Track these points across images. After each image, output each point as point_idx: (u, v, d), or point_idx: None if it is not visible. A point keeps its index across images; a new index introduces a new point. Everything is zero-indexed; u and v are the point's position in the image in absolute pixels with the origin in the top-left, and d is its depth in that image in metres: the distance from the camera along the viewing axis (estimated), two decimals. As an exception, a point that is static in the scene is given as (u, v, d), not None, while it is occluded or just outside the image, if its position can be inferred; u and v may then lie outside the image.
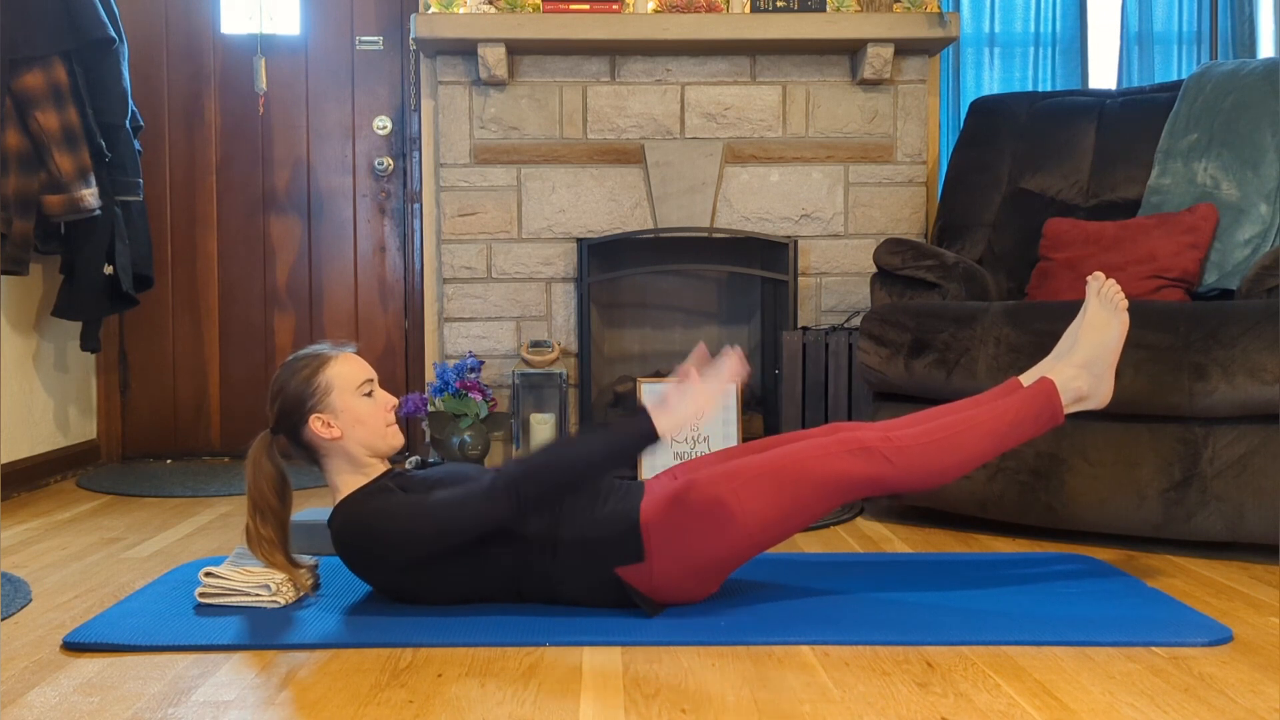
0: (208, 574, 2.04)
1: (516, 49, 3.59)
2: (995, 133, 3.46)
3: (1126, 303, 2.16)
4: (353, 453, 2.02)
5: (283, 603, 2.00)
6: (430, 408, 3.54)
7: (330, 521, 2.00)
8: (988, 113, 3.52)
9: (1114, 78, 3.96)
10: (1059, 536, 2.63)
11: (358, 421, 2.01)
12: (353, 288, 3.98)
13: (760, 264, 3.72)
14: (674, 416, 1.87)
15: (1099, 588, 2.14)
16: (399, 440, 2.07)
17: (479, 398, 3.47)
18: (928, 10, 3.54)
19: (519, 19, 3.46)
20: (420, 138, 3.87)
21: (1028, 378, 2.18)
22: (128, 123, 3.33)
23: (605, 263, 3.72)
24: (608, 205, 3.67)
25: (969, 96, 3.88)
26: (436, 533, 1.89)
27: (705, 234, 3.66)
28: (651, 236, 3.70)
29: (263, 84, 3.88)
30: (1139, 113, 3.26)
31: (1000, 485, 2.61)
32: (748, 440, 3.05)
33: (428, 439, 3.60)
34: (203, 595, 2.03)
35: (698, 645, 1.81)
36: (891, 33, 3.49)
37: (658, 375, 3.64)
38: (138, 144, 3.45)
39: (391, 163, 3.93)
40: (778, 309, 3.62)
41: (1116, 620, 1.91)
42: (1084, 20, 3.89)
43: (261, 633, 1.86)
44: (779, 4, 3.52)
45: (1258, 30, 3.88)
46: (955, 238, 3.38)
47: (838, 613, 1.96)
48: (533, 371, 3.54)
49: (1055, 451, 2.54)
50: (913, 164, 3.70)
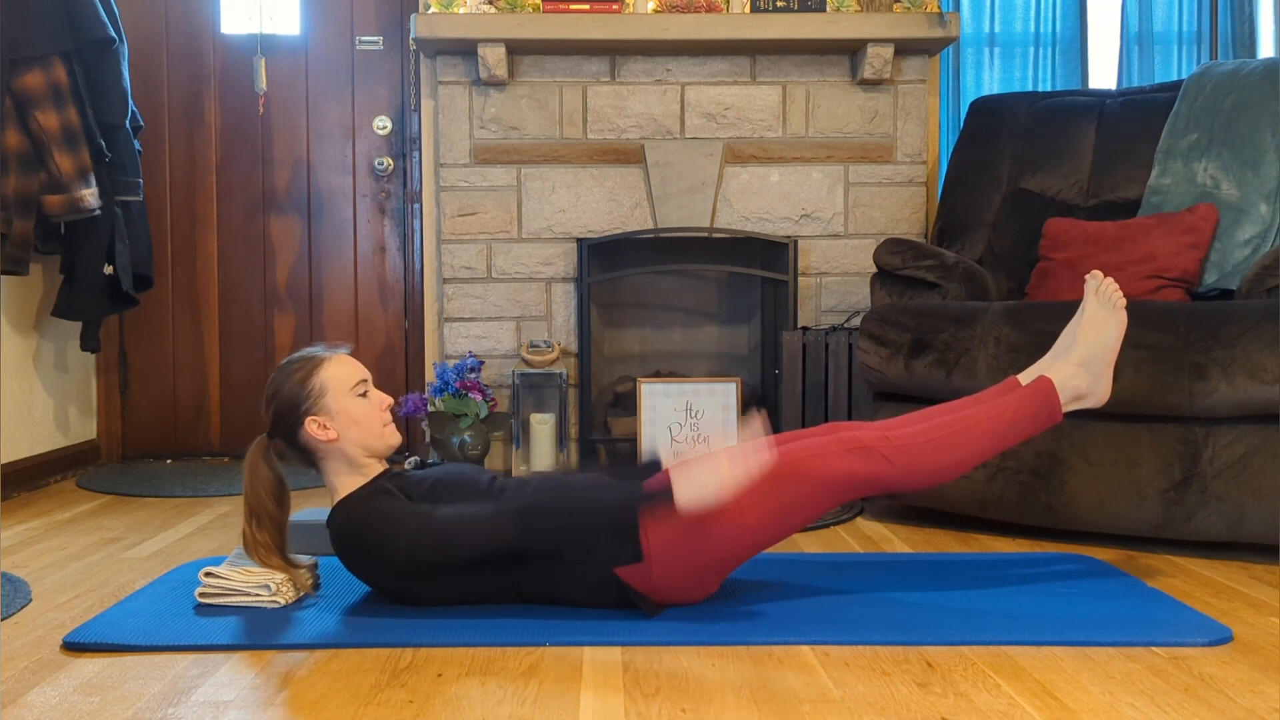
0: (208, 574, 2.04)
1: (516, 49, 3.59)
2: (995, 133, 3.46)
3: (1125, 301, 2.16)
4: (350, 454, 2.02)
5: (283, 603, 2.00)
6: (430, 408, 3.54)
7: (329, 521, 2.00)
8: (988, 113, 3.52)
9: (1114, 78, 3.96)
10: (1059, 536, 2.63)
11: (354, 422, 2.01)
12: (353, 288, 3.98)
13: (760, 264, 3.72)
14: (694, 489, 1.82)
15: (1099, 588, 2.14)
16: (396, 439, 2.07)
17: (479, 398, 3.47)
18: (928, 10, 3.54)
19: (519, 19, 3.46)
20: (420, 138, 3.87)
21: (1026, 376, 2.18)
22: (128, 123, 3.33)
23: (605, 263, 3.72)
24: (608, 205, 3.67)
25: (969, 96, 3.87)
26: (437, 547, 1.89)
27: (705, 234, 3.66)
28: (651, 236, 3.70)
29: (263, 84, 3.88)
30: (1139, 113, 3.26)
31: (1000, 485, 2.61)
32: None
33: (428, 439, 3.60)
34: (203, 595, 2.03)
35: (698, 645, 1.81)
36: (891, 33, 3.49)
37: (658, 375, 3.64)
38: (138, 144, 3.45)
39: (391, 163, 3.93)
40: (778, 309, 3.62)
41: (1116, 620, 1.91)
42: (1084, 20, 3.89)
43: (261, 633, 1.86)
44: (779, 4, 3.52)
45: (1258, 30, 3.88)
46: (955, 238, 3.38)
47: (838, 613, 1.97)
48: (533, 371, 3.54)
49: (1055, 451, 2.54)
50: (913, 164, 3.70)
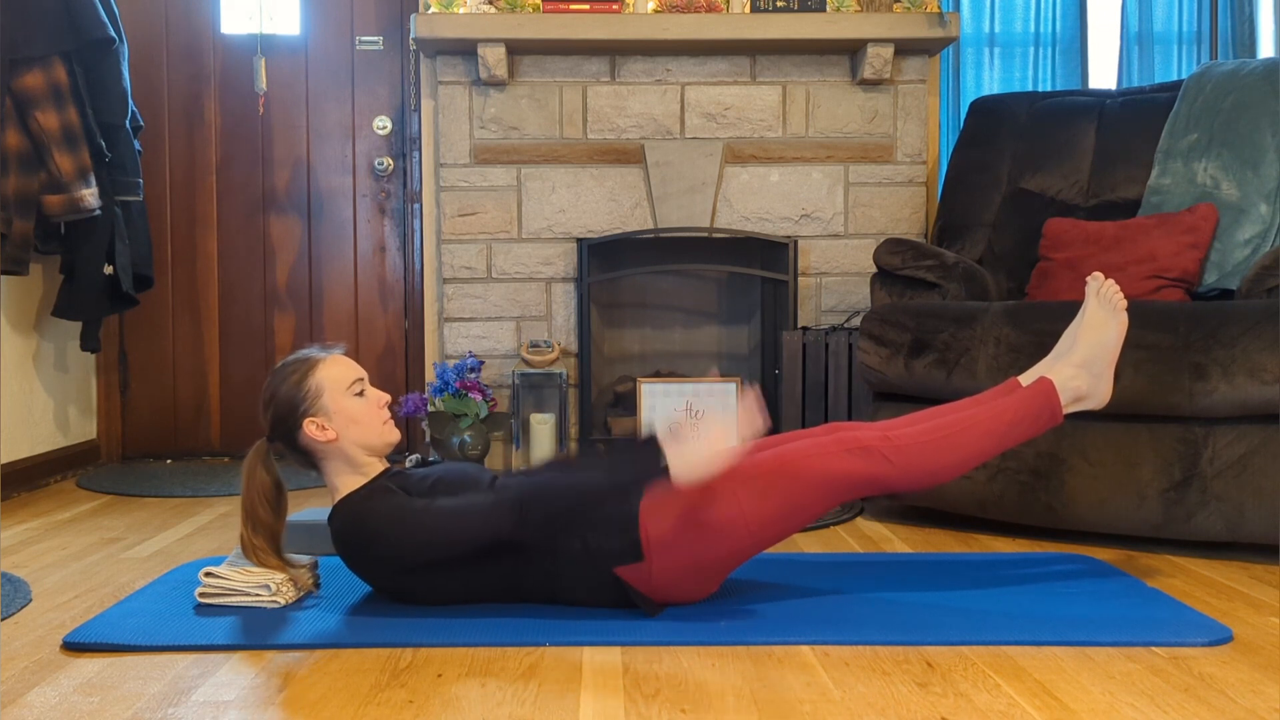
0: (208, 574, 2.04)
1: (516, 49, 3.59)
2: (995, 133, 3.46)
3: (1125, 303, 2.16)
4: (349, 453, 2.01)
5: (283, 602, 2.00)
6: (430, 408, 3.54)
7: (330, 520, 2.00)
8: (988, 113, 3.52)
9: (1114, 78, 3.96)
10: (1059, 536, 2.63)
11: (352, 421, 2.01)
12: (353, 288, 3.98)
13: (760, 264, 3.72)
14: (686, 454, 1.85)
15: (1099, 588, 2.14)
16: (395, 436, 2.06)
17: (479, 398, 3.47)
18: (928, 10, 3.54)
19: (519, 19, 3.46)
20: (420, 138, 3.87)
21: (1027, 377, 2.19)
22: (128, 123, 3.33)
23: (605, 263, 3.72)
24: (608, 205, 3.67)
25: (969, 96, 3.87)
26: (438, 541, 1.89)
27: (705, 234, 3.66)
28: (651, 236, 3.70)
29: (263, 84, 3.88)
30: (1139, 113, 3.26)
31: (1000, 485, 2.61)
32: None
33: (428, 439, 3.60)
34: (203, 595, 2.03)
35: (698, 645, 1.81)
36: (891, 33, 3.49)
37: (657, 375, 3.64)
38: (138, 144, 3.45)
39: (391, 163, 3.93)
40: (778, 309, 3.62)
41: (1116, 620, 1.91)
42: (1084, 20, 3.89)
43: (261, 633, 1.86)
44: (779, 4, 3.52)
45: (1258, 30, 3.88)
46: (955, 238, 3.38)
47: (838, 613, 1.96)
48: (533, 371, 3.54)
49: (1055, 451, 2.54)
50: (913, 164, 3.70)
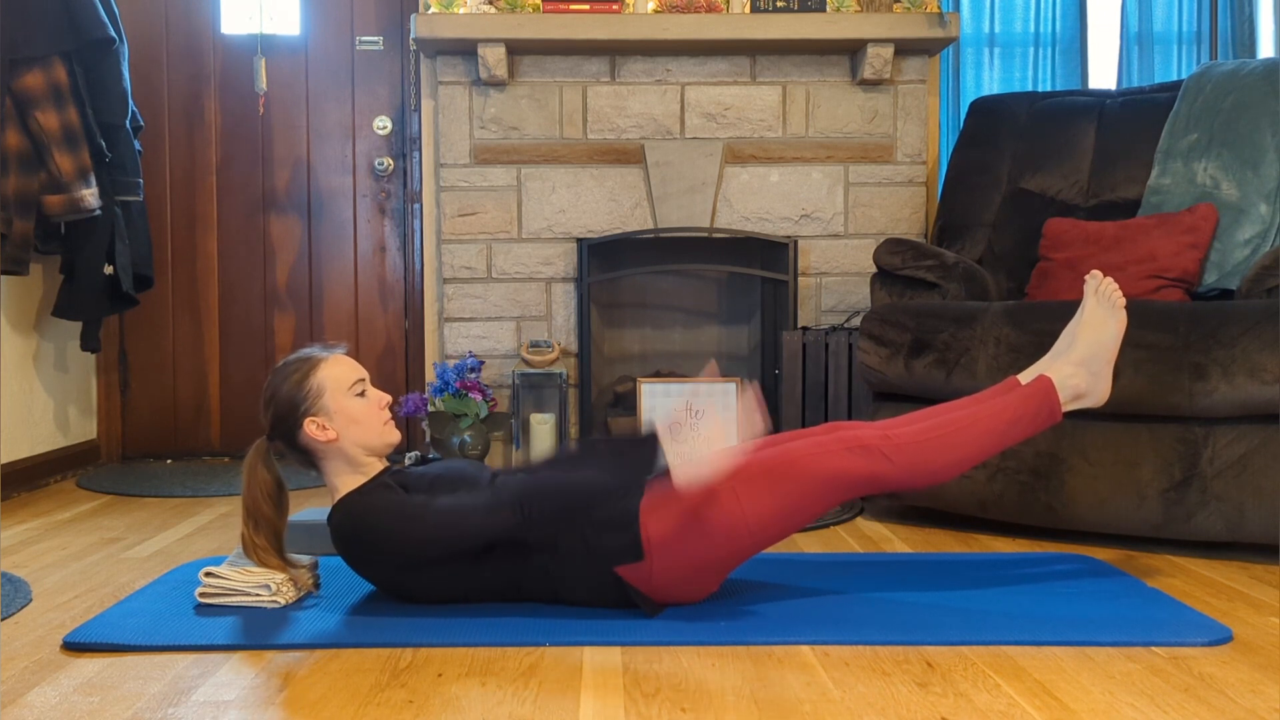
0: (208, 574, 2.04)
1: (516, 49, 3.59)
2: (995, 133, 3.46)
3: (1124, 301, 2.16)
4: (350, 453, 2.01)
5: (283, 602, 2.00)
6: (430, 408, 3.54)
7: (330, 518, 2.00)
8: (988, 113, 3.52)
9: (1114, 78, 3.96)
10: (1059, 536, 2.63)
11: (352, 421, 2.01)
12: (353, 288, 3.98)
13: (760, 264, 3.72)
14: (689, 464, 1.86)
15: (1099, 588, 2.14)
16: (396, 437, 2.06)
17: (479, 398, 3.47)
18: (928, 10, 3.54)
19: (519, 19, 3.46)
20: (420, 138, 3.87)
21: (1026, 376, 2.18)
22: (128, 123, 3.33)
23: (605, 263, 3.72)
24: (608, 205, 3.67)
25: (969, 96, 3.87)
26: (437, 538, 1.90)
27: (705, 234, 3.66)
28: (651, 236, 3.70)
29: (263, 84, 3.88)
30: (1139, 113, 3.26)
31: (1000, 485, 2.61)
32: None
33: (428, 439, 3.60)
34: (203, 595, 2.03)
35: (698, 645, 1.81)
36: (891, 33, 3.49)
37: (657, 375, 3.64)
38: (138, 144, 3.45)
39: (391, 163, 3.93)
40: (778, 309, 3.62)
41: (1116, 620, 1.91)
42: (1084, 20, 3.89)
43: (261, 633, 1.86)
44: (779, 4, 3.52)
45: (1258, 30, 3.88)
46: (955, 238, 3.38)
47: (838, 613, 1.96)
48: (533, 371, 3.54)
49: (1055, 451, 2.54)
50: (913, 164, 3.70)
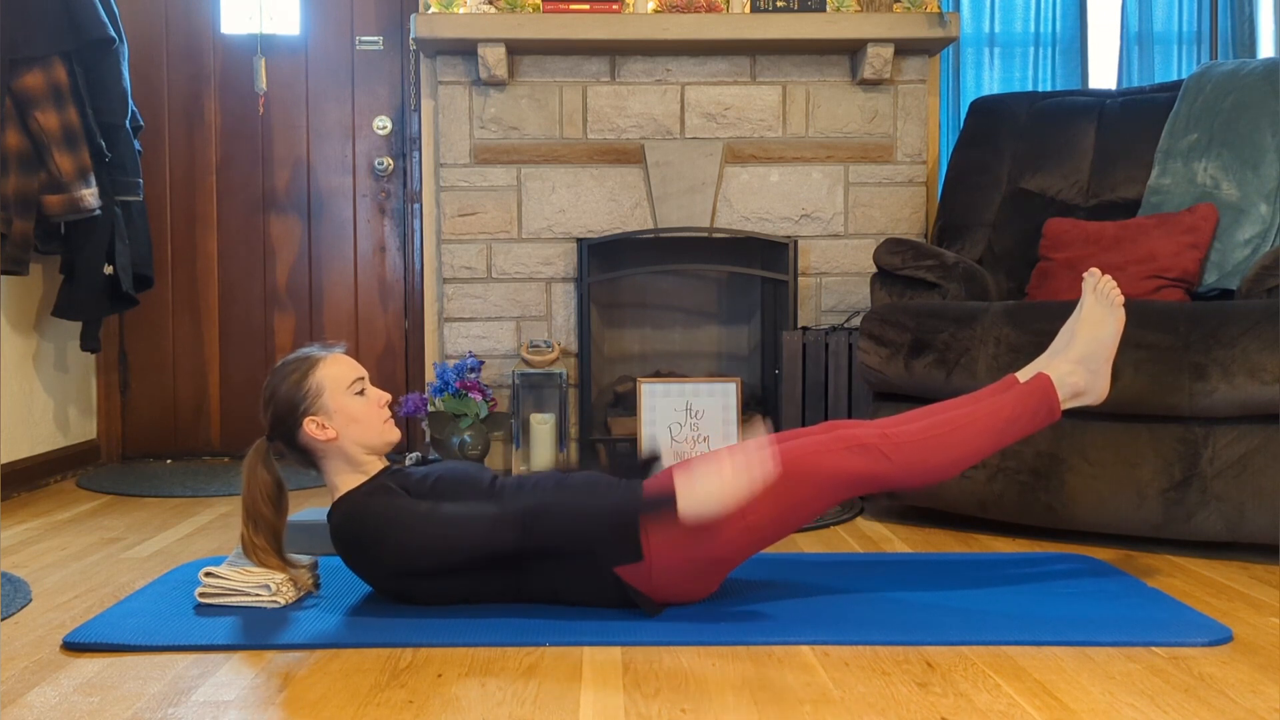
0: (208, 574, 2.04)
1: (516, 49, 3.59)
2: (995, 133, 3.46)
3: (1122, 298, 2.16)
4: (350, 452, 2.01)
5: (283, 602, 2.00)
6: (430, 408, 3.54)
7: (329, 518, 2.00)
8: (988, 113, 3.52)
9: (1114, 78, 3.96)
10: (1059, 536, 2.63)
11: (352, 420, 2.01)
12: (353, 288, 3.98)
13: (760, 264, 3.72)
14: (697, 498, 1.82)
15: (1099, 588, 2.14)
16: (395, 435, 2.06)
17: (479, 398, 3.47)
18: (928, 10, 3.53)
19: (519, 19, 3.46)
20: (420, 138, 3.87)
21: (1024, 374, 2.18)
22: (128, 123, 3.33)
23: (605, 263, 3.72)
24: (608, 205, 3.67)
25: (969, 96, 3.87)
26: (439, 548, 1.90)
27: (705, 234, 3.66)
28: (651, 236, 3.70)
29: (263, 84, 3.88)
30: (1139, 113, 3.26)
31: (1000, 485, 2.60)
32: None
33: (428, 439, 3.60)
34: (203, 595, 2.03)
35: (698, 645, 1.81)
36: (891, 33, 3.49)
37: (657, 375, 3.64)
38: (138, 144, 3.45)
39: (391, 163, 3.93)
40: (778, 309, 3.62)
41: (1116, 620, 1.91)
42: (1084, 20, 3.89)
43: (261, 633, 1.86)
44: (779, 4, 3.52)
45: (1258, 30, 3.88)
46: (955, 238, 3.38)
47: (838, 613, 1.96)
48: (533, 371, 3.54)
49: (1055, 451, 2.54)
50: (913, 164, 3.70)
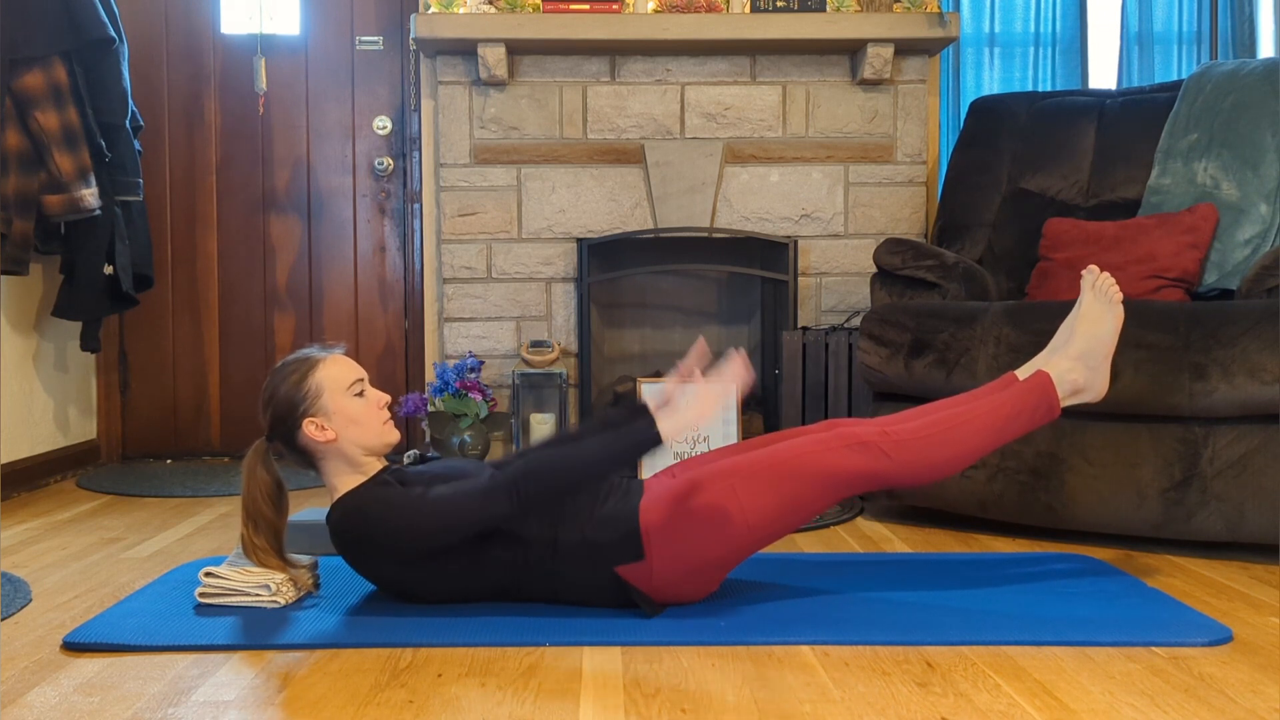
0: (208, 574, 2.04)
1: (516, 49, 3.59)
2: (995, 133, 3.46)
3: (1121, 295, 2.16)
4: (349, 453, 2.01)
5: (283, 602, 2.00)
6: (430, 408, 3.54)
7: (329, 516, 2.00)
8: (988, 113, 3.52)
9: (1114, 78, 3.96)
10: (1059, 536, 2.63)
11: (352, 421, 2.01)
12: (353, 288, 3.98)
13: (760, 264, 3.72)
14: (678, 421, 1.90)
15: (1099, 588, 2.14)
16: (395, 436, 2.06)
17: (479, 398, 3.47)
18: (928, 10, 3.54)
19: (519, 19, 3.46)
20: (420, 138, 3.87)
21: (1024, 372, 2.18)
22: (128, 123, 3.33)
23: (605, 263, 3.72)
24: (608, 205, 3.67)
25: (969, 96, 3.87)
26: (435, 527, 1.89)
27: (705, 234, 3.66)
28: (651, 236, 3.70)
29: (263, 84, 3.88)
30: (1139, 113, 3.26)
31: (1000, 485, 2.61)
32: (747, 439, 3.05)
33: (428, 439, 3.60)
34: (203, 595, 2.03)
35: (698, 645, 1.81)
36: (891, 33, 3.49)
37: (658, 375, 3.64)
38: (138, 144, 3.45)
39: (391, 163, 3.93)
40: (778, 309, 3.62)
41: (1116, 620, 1.91)
42: (1084, 20, 3.89)
43: (261, 633, 1.86)
44: (779, 4, 3.52)
45: (1258, 30, 3.88)
46: (955, 238, 3.38)
47: (838, 613, 1.96)
48: (533, 371, 3.54)
49: (1055, 451, 2.54)
50: (913, 164, 3.70)
